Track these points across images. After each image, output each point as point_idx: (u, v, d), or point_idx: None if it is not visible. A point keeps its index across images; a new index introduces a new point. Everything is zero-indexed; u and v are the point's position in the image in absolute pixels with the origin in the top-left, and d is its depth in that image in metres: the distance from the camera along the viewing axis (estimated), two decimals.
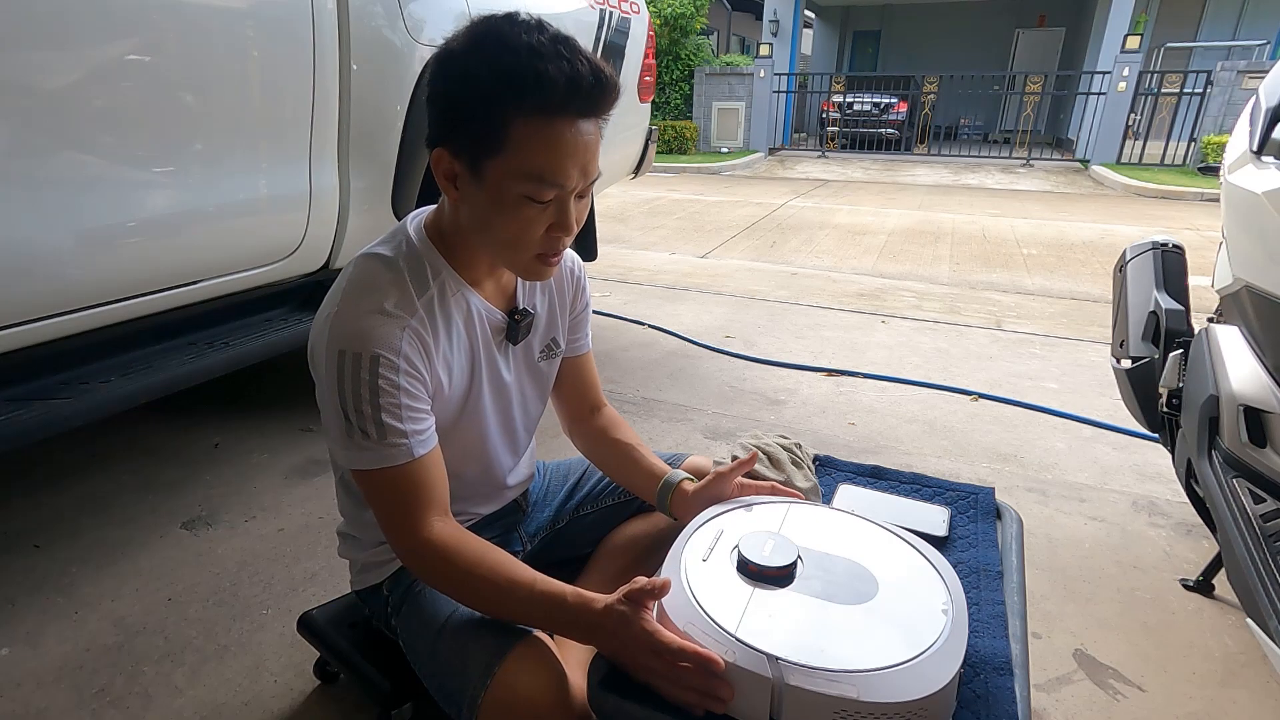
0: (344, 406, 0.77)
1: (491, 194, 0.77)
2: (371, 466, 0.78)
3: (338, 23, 1.53)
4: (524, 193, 0.75)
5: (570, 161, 0.75)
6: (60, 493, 1.76)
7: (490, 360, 0.93)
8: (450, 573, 0.79)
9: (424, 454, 0.80)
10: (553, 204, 0.77)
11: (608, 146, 2.52)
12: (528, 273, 0.84)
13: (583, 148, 0.75)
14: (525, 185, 0.75)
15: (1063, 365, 2.77)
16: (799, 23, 12.86)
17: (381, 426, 0.77)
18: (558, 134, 0.73)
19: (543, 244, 0.80)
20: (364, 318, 0.78)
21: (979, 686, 0.72)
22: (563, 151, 0.74)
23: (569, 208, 0.78)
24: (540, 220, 0.77)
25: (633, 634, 0.71)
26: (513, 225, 0.78)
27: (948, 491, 1.08)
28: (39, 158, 1.13)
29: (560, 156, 0.74)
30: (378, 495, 0.81)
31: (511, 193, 0.75)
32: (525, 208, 0.76)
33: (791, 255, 4.73)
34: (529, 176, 0.74)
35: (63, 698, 1.17)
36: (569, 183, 0.76)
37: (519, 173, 0.74)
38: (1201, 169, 2.88)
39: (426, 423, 0.81)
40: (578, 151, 0.75)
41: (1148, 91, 9.65)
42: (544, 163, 0.74)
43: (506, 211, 0.77)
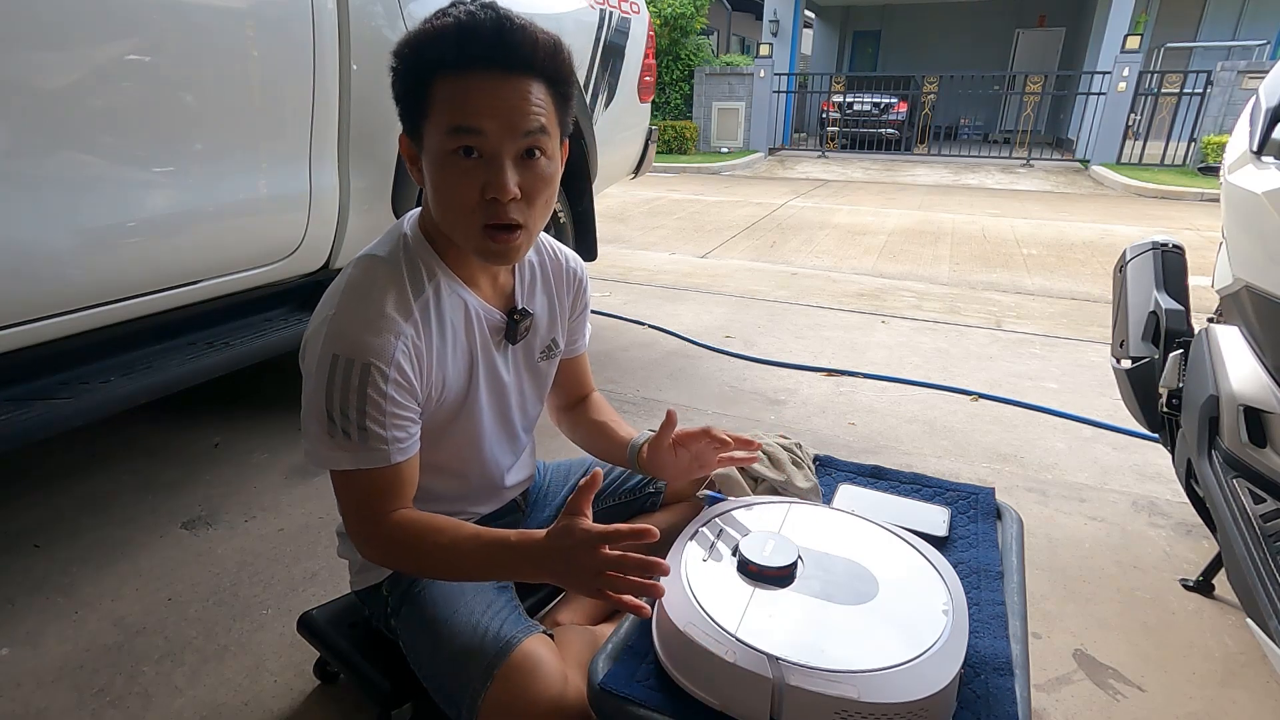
0: (329, 407, 0.78)
1: (429, 159, 0.79)
2: (349, 467, 0.79)
3: (338, 23, 1.53)
4: (450, 146, 0.76)
5: (485, 108, 0.75)
6: (60, 493, 1.76)
7: (488, 360, 0.92)
8: (403, 552, 0.82)
9: (401, 461, 0.81)
10: (483, 162, 0.77)
11: (608, 146, 2.51)
12: (481, 250, 0.82)
13: (501, 97, 0.75)
14: (449, 139, 0.76)
15: (1063, 365, 2.77)
16: (799, 23, 12.86)
17: (365, 431, 0.78)
18: (470, 84, 0.75)
19: (484, 211, 0.78)
20: (360, 323, 0.79)
21: (979, 687, 0.72)
22: (476, 98, 0.75)
23: (501, 164, 0.76)
24: (472, 177, 0.77)
25: (574, 539, 0.72)
26: (447, 184, 0.78)
27: (948, 492, 1.08)
28: (39, 158, 1.13)
29: (474, 103, 0.75)
30: (347, 493, 0.82)
31: (442, 149, 0.77)
32: (454, 164, 0.77)
33: (791, 255, 4.73)
34: (449, 129, 0.76)
35: (63, 698, 1.17)
36: (487, 128, 0.75)
37: (442, 128, 0.76)
38: (1201, 169, 2.88)
39: (409, 430, 0.82)
40: (494, 100, 0.75)
41: (1148, 91, 9.65)
42: (459, 111, 0.75)
43: (441, 172, 0.78)
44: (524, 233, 0.81)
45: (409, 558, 0.83)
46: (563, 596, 1.12)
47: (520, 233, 0.80)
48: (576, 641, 0.90)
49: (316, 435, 0.80)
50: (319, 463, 0.80)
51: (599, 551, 0.70)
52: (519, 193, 0.77)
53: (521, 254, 0.84)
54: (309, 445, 0.81)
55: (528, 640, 0.82)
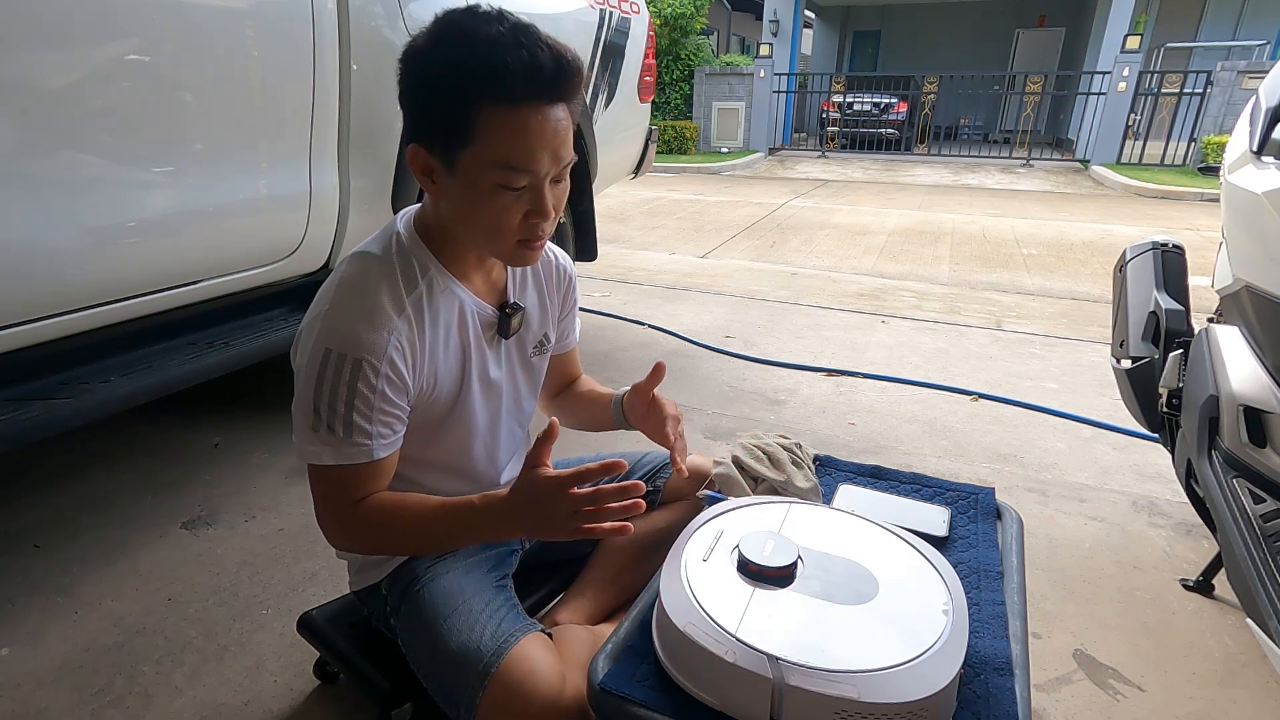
0: (317, 402, 0.79)
1: (466, 185, 0.78)
2: (330, 463, 0.80)
3: (338, 23, 1.53)
4: (497, 181, 0.77)
5: (538, 147, 0.76)
6: (60, 493, 1.76)
7: (481, 356, 0.93)
8: (373, 535, 0.85)
9: (383, 457, 0.83)
10: (527, 190, 0.78)
11: (608, 146, 2.50)
12: (512, 259, 0.86)
13: (550, 133, 0.76)
14: (497, 174, 0.76)
15: (1063, 365, 2.77)
16: (799, 23, 12.86)
17: (350, 426, 0.79)
18: (523, 121, 0.74)
19: (522, 231, 0.81)
20: (354, 319, 0.79)
21: (979, 687, 0.72)
22: (530, 138, 0.75)
23: (544, 193, 0.79)
24: (516, 207, 0.79)
25: (540, 489, 0.74)
26: (490, 214, 0.79)
27: (948, 491, 1.08)
28: (39, 158, 1.12)
29: (528, 143, 0.75)
30: (325, 486, 0.83)
31: (485, 182, 0.77)
32: (500, 196, 0.77)
33: (791, 255, 4.73)
34: (500, 165, 0.76)
35: (63, 698, 1.17)
36: (539, 168, 0.77)
37: (490, 162, 0.76)
38: (1201, 169, 2.87)
39: (394, 427, 0.83)
40: (545, 137, 0.76)
41: (1148, 91, 9.65)
42: (513, 150, 0.75)
43: (482, 201, 0.78)
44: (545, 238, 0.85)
45: (379, 540, 0.87)
46: (563, 596, 1.12)
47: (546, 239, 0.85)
48: (576, 641, 0.90)
49: (301, 427, 0.81)
50: (302, 455, 0.81)
51: (569, 494, 0.73)
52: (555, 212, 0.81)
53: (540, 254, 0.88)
54: (294, 437, 0.82)
55: (526, 639, 0.82)
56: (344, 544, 0.89)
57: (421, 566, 0.93)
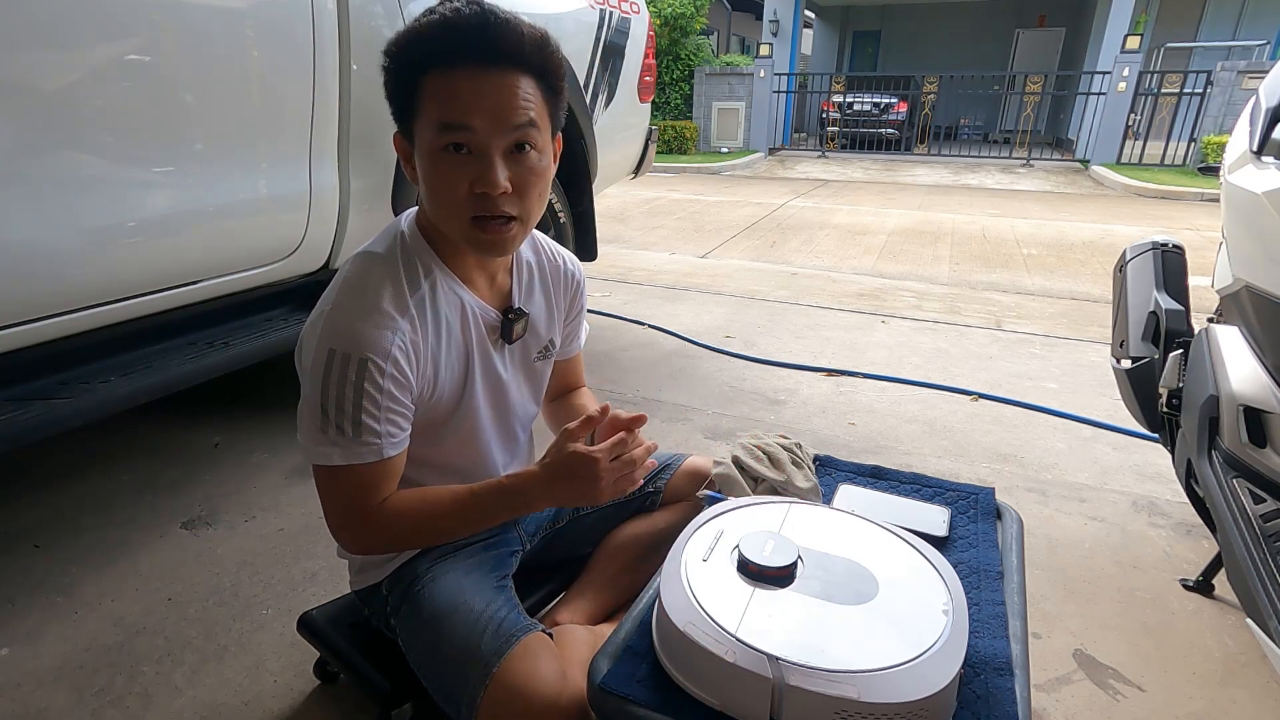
0: (324, 402, 0.79)
1: (420, 156, 0.80)
2: (340, 463, 0.80)
3: (338, 23, 1.53)
4: (440, 143, 0.77)
5: (472, 103, 0.76)
6: (60, 493, 1.76)
7: (485, 358, 0.93)
8: (396, 536, 0.86)
9: (393, 455, 0.83)
10: (473, 158, 0.78)
11: (608, 146, 2.50)
12: (471, 241, 0.83)
13: (489, 93, 0.76)
14: (438, 136, 0.77)
15: (1063, 365, 2.77)
16: (799, 23, 12.85)
17: (359, 426, 0.79)
18: (457, 79, 0.76)
19: (471, 204, 0.80)
20: (357, 319, 0.79)
21: (979, 687, 0.72)
22: (462, 93, 0.76)
23: (490, 159, 0.78)
24: (461, 172, 0.78)
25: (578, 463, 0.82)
26: (438, 182, 0.79)
27: (948, 491, 1.08)
28: (39, 158, 1.12)
29: (461, 99, 0.76)
30: (336, 489, 0.83)
31: (432, 147, 0.78)
32: (444, 160, 0.78)
33: (791, 255, 4.73)
34: (439, 126, 0.77)
35: (63, 698, 1.17)
36: (475, 123, 0.76)
37: (432, 125, 0.77)
38: (1201, 169, 2.87)
39: (402, 425, 0.83)
40: (481, 96, 0.76)
41: (1148, 91, 9.65)
42: (447, 108, 0.76)
43: (432, 169, 0.79)
44: (518, 224, 0.83)
45: (398, 539, 0.88)
46: (563, 597, 1.12)
47: (514, 224, 0.82)
48: (576, 641, 0.90)
49: (308, 429, 0.81)
50: (310, 456, 0.81)
51: (603, 465, 0.81)
52: (509, 187, 0.79)
53: (515, 245, 0.85)
54: (301, 439, 0.82)
55: (526, 639, 0.82)
56: (359, 548, 0.88)
57: (422, 566, 0.93)
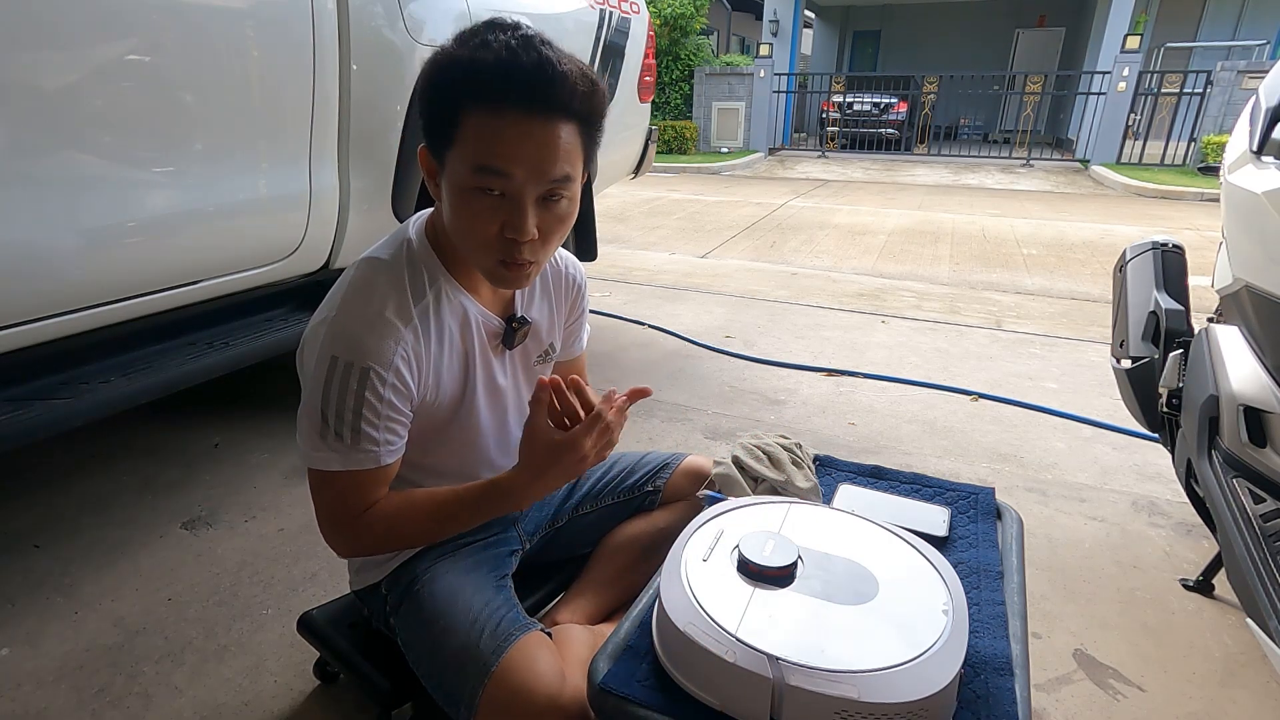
0: (325, 409, 0.79)
1: (451, 186, 0.78)
2: (338, 468, 0.80)
3: (338, 23, 1.52)
4: (474, 184, 0.75)
5: (515, 152, 0.73)
6: (60, 493, 1.76)
7: (486, 365, 0.93)
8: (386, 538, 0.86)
9: (389, 463, 0.83)
10: (505, 201, 0.76)
11: (607, 146, 2.51)
12: (492, 278, 0.83)
13: (532, 143, 0.74)
14: (474, 176, 0.75)
15: (1063, 365, 2.77)
16: (799, 23, 12.86)
17: (358, 433, 0.79)
18: (501, 124, 0.73)
19: (500, 247, 0.78)
20: (361, 326, 0.79)
21: (979, 687, 0.72)
22: (506, 141, 0.73)
23: (524, 207, 0.76)
24: (492, 216, 0.77)
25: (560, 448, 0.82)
26: (467, 219, 0.78)
27: (948, 491, 1.08)
28: (39, 158, 1.12)
29: (503, 146, 0.73)
30: (330, 493, 0.83)
31: (465, 184, 0.76)
32: (477, 200, 0.76)
33: (791, 255, 4.73)
34: (476, 166, 0.74)
35: (63, 698, 1.17)
36: (514, 173, 0.74)
37: (469, 163, 0.75)
38: (1201, 169, 2.87)
39: (400, 433, 0.84)
40: (525, 145, 0.74)
41: (1148, 91, 9.65)
42: (488, 151, 0.74)
43: (462, 203, 0.77)
44: (535, 265, 0.82)
45: (387, 542, 0.88)
46: (563, 596, 1.12)
47: (532, 266, 0.82)
48: (576, 641, 0.90)
49: (307, 434, 0.81)
50: (307, 461, 0.81)
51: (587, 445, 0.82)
52: (537, 234, 0.78)
53: (530, 281, 0.85)
54: (300, 442, 0.82)
55: (526, 638, 0.82)
56: (349, 550, 0.89)
57: (421, 566, 0.93)
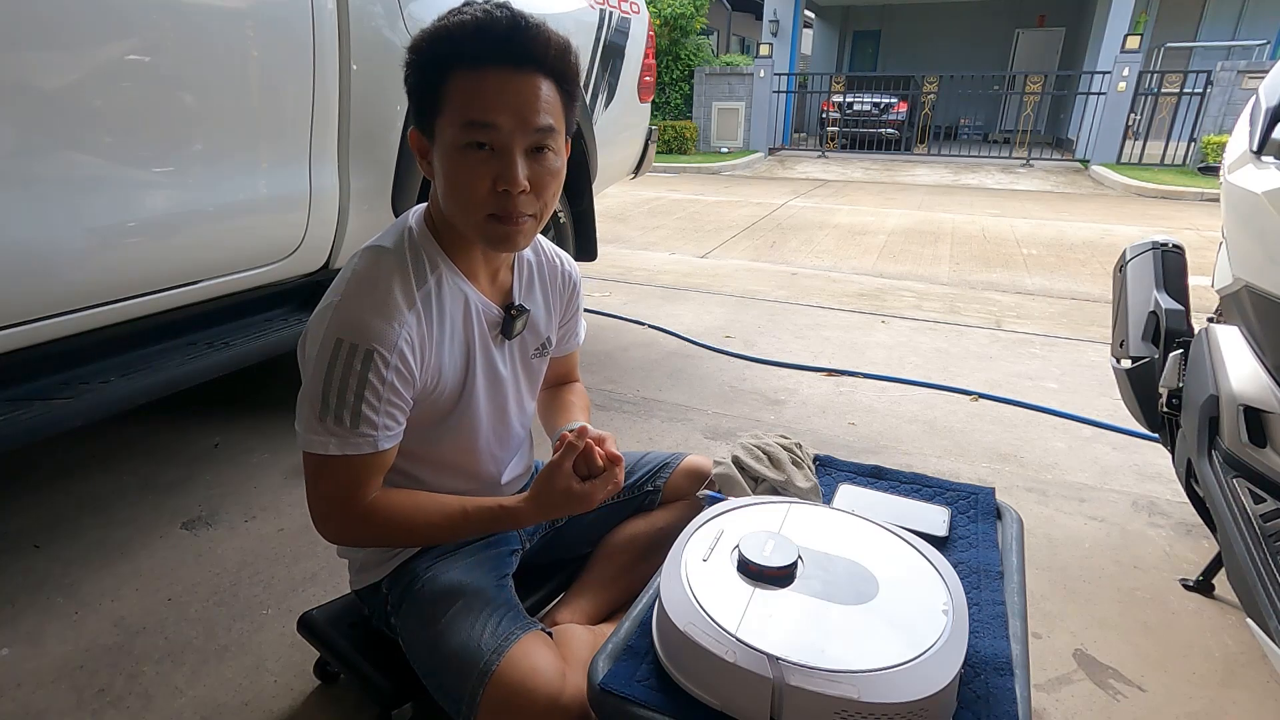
0: (326, 391, 0.79)
1: (441, 152, 0.80)
2: (335, 453, 0.80)
3: (338, 23, 1.53)
4: (463, 140, 0.78)
5: (497, 103, 0.77)
6: (60, 493, 1.76)
7: (486, 354, 0.94)
8: (380, 534, 0.88)
9: (386, 448, 0.84)
10: (495, 156, 0.79)
11: (608, 146, 2.50)
12: (487, 238, 0.84)
13: (514, 92, 0.78)
14: (462, 133, 0.78)
15: (1063, 365, 2.77)
16: (799, 23, 12.85)
17: (358, 417, 0.80)
18: (483, 80, 0.77)
19: (492, 201, 0.81)
20: (367, 310, 0.80)
21: (979, 686, 0.72)
22: (488, 93, 0.77)
23: (513, 159, 0.79)
24: (483, 170, 0.79)
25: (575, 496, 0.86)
26: (459, 178, 0.80)
27: (948, 491, 1.08)
28: (39, 158, 1.12)
29: (486, 98, 0.77)
30: (326, 478, 0.83)
31: (453, 144, 0.79)
32: (467, 156, 0.79)
33: (791, 255, 4.73)
34: (464, 124, 0.78)
35: (63, 698, 1.17)
36: (500, 122, 0.77)
37: (456, 122, 0.78)
38: (1201, 169, 2.87)
39: (398, 419, 0.84)
40: (507, 96, 0.77)
41: (1148, 91, 9.65)
42: (472, 105, 0.77)
43: (453, 165, 0.80)
44: (532, 220, 0.84)
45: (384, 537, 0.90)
46: (563, 596, 1.12)
47: (529, 220, 0.84)
48: (576, 641, 0.90)
49: (306, 417, 0.81)
50: (304, 445, 0.82)
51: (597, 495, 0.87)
52: (528, 186, 0.80)
53: (528, 240, 0.87)
54: (298, 427, 0.82)
55: (527, 638, 0.82)
56: (339, 538, 0.89)
57: (422, 566, 0.93)
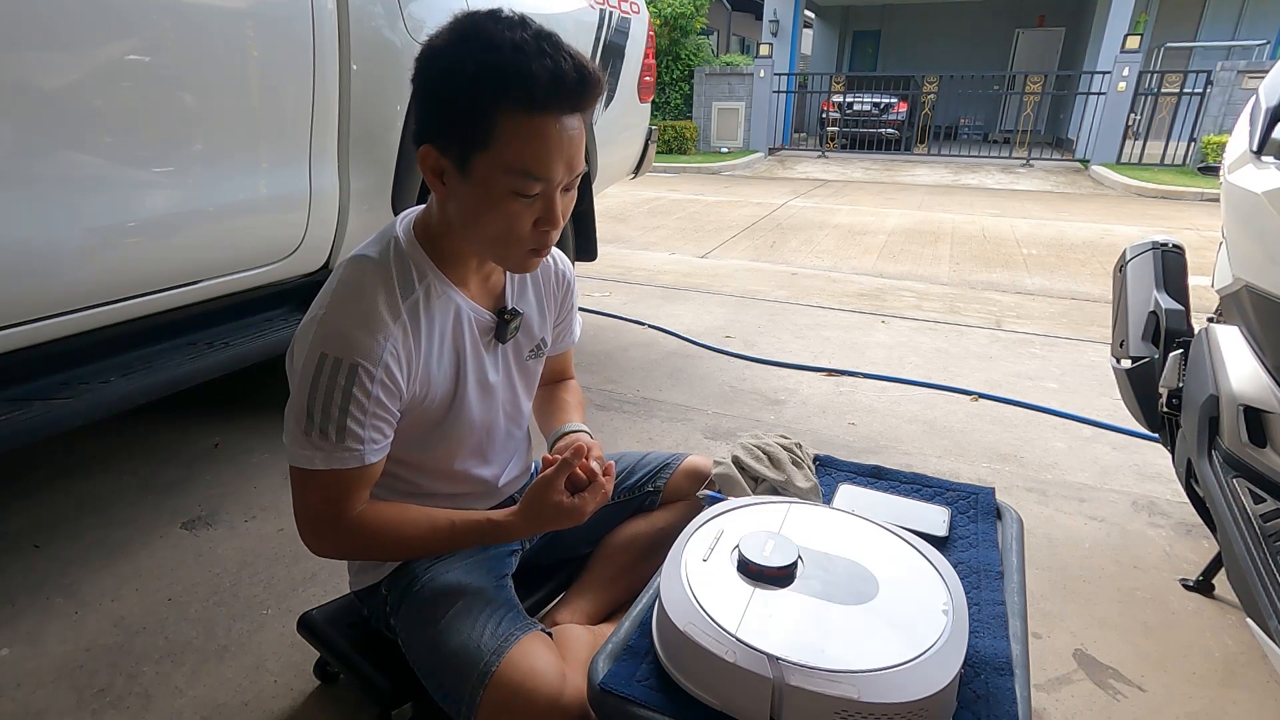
0: (311, 406, 0.79)
1: (479, 189, 0.78)
2: (321, 467, 0.80)
3: (338, 23, 1.52)
4: (511, 187, 0.76)
5: (556, 155, 0.76)
6: (60, 493, 1.76)
7: (477, 360, 0.93)
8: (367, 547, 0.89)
9: (374, 462, 0.83)
10: (539, 199, 0.78)
11: (608, 146, 2.50)
12: (518, 267, 0.87)
13: (568, 142, 0.76)
14: (512, 180, 0.76)
15: (1063, 365, 2.77)
16: (799, 23, 12.85)
17: (343, 431, 0.79)
18: (543, 128, 0.74)
19: (531, 239, 0.81)
20: (351, 324, 0.79)
21: (979, 686, 0.72)
22: (549, 146, 0.75)
23: (555, 202, 0.79)
24: (527, 215, 0.79)
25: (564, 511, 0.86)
26: (501, 220, 0.79)
27: (948, 491, 1.08)
28: (39, 158, 1.12)
29: (546, 151, 0.75)
30: (313, 492, 0.82)
31: (499, 187, 0.77)
32: (512, 202, 0.77)
33: (791, 255, 4.73)
34: (515, 171, 0.75)
35: (63, 698, 1.17)
36: (555, 176, 0.77)
37: (506, 167, 0.75)
38: (1201, 169, 2.87)
39: (385, 432, 0.84)
40: (563, 146, 0.76)
41: (1148, 91, 9.65)
42: (530, 157, 0.75)
43: (494, 206, 0.78)
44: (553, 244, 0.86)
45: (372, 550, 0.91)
46: (563, 597, 1.12)
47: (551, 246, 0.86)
48: (576, 641, 0.90)
49: (292, 431, 0.81)
50: (291, 459, 0.81)
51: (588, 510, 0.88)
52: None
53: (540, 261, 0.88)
54: (286, 440, 0.82)
55: (526, 639, 0.82)
56: (328, 552, 0.88)
57: (421, 567, 0.93)
